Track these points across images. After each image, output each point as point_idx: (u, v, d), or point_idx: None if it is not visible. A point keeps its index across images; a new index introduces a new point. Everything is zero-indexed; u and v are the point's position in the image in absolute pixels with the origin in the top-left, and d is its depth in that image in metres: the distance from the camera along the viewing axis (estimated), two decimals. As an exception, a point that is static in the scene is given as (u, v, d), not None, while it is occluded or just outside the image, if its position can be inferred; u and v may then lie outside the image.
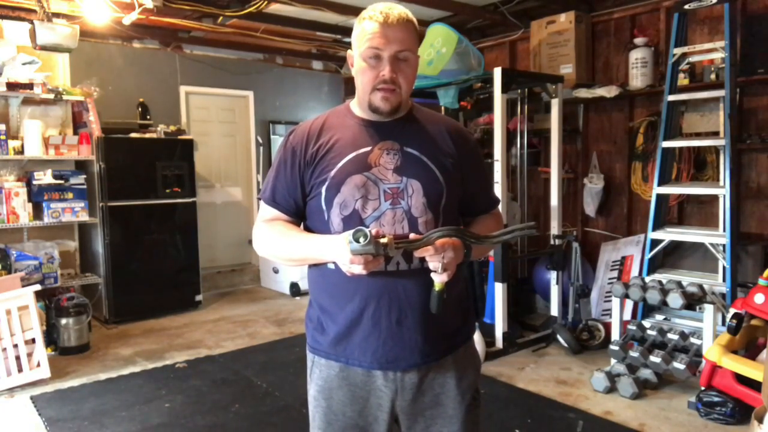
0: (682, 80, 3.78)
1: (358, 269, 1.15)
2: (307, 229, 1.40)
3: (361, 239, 1.11)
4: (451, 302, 1.29)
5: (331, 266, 1.31)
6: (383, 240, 1.13)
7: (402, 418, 1.36)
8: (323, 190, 1.31)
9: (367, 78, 1.30)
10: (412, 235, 1.19)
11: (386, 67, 1.27)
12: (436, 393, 1.36)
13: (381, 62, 1.28)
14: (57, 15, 4.18)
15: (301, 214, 1.40)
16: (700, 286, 3.26)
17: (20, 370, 3.46)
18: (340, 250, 1.16)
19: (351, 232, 1.12)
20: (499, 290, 3.84)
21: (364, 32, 1.29)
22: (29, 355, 3.53)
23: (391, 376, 1.32)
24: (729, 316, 2.89)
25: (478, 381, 1.45)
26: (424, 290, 1.26)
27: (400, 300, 1.29)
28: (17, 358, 3.47)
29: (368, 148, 1.32)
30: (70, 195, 4.55)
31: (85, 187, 4.63)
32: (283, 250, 1.36)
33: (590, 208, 4.55)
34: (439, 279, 1.21)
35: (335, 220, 1.30)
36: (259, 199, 1.40)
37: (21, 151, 4.34)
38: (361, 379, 1.34)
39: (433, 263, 1.18)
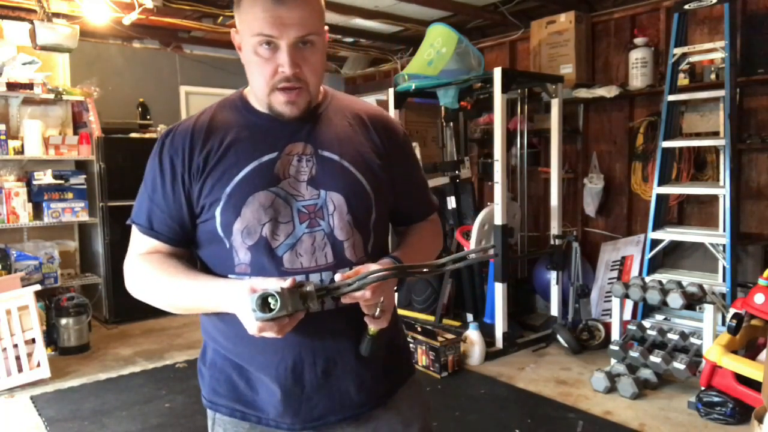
0: (682, 80, 3.78)
1: (271, 335, 0.90)
2: (200, 259, 1.10)
3: (272, 305, 0.86)
4: (383, 339, 1.08)
5: None
6: (305, 289, 0.89)
7: None
8: (217, 213, 1.01)
9: (262, 75, 1.00)
10: (337, 276, 0.95)
11: (286, 61, 0.97)
12: None
13: (277, 53, 0.98)
14: (57, 15, 4.17)
15: (189, 240, 1.08)
16: (700, 286, 3.25)
17: (20, 370, 3.46)
18: (244, 313, 0.90)
19: (254, 298, 0.86)
20: (499, 290, 3.83)
21: (250, 11, 0.97)
22: (29, 355, 3.53)
23: None
24: (729, 316, 2.88)
25: (427, 420, 1.21)
26: (356, 331, 1.03)
27: (327, 347, 1.04)
28: (17, 358, 3.47)
29: (273, 154, 1.02)
30: (70, 195, 4.55)
31: (85, 187, 4.63)
32: (167, 297, 1.04)
33: (590, 208, 4.55)
34: (376, 325, 0.98)
35: (240, 251, 1.02)
36: (128, 225, 1.09)
37: (21, 151, 4.34)
38: None
39: (368, 308, 0.97)
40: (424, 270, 0.99)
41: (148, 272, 1.04)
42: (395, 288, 1.04)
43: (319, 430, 1.07)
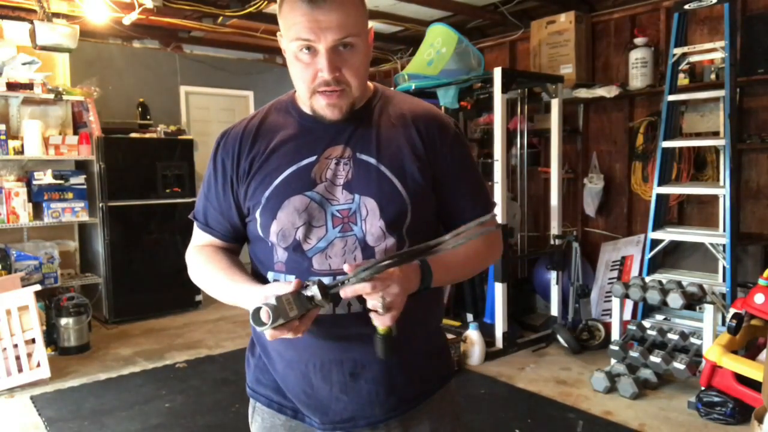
0: (682, 80, 3.78)
1: (288, 337, 0.91)
2: (254, 254, 1.15)
3: (264, 318, 0.87)
4: (418, 340, 1.09)
5: None
6: (308, 292, 0.90)
7: None
8: (257, 215, 1.06)
9: (303, 79, 1.01)
10: (345, 266, 0.92)
11: (325, 65, 0.97)
12: None
13: (317, 57, 0.98)
14: (57, 15, 4.18)
15: (242, 237, 1.16)
16: (700, 286, 3.25)
17: (20, 370, 3.46)
18: None
19: (251, 313, 0.89)
20: (499, 290, 3.83)
21: (289, 16, 0.98)
22: (29, 355, 3.53)
23: None
24: (729, 316, 2.89)
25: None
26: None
27: (353, 350, 1.04)
28: (17, 358, 3.47)
29: (312, 158, 1.04)
30: (70, 195, 4.55)
31: (85, 187, 4.63)
32: (212, 289, 1.12)
33: (590, 208, 4.55)
34: (381, 323, 0.93)
35: (278, 250, 1.06)
36: (189, 218, 1.20)
37: (21, 151, 4.34)
38: None
39: (372, 302, 0.92)
40: (424, 251, 0.93)
41: (200, 264, 1.14)
42: (417, 285, 0.98)
43: None
